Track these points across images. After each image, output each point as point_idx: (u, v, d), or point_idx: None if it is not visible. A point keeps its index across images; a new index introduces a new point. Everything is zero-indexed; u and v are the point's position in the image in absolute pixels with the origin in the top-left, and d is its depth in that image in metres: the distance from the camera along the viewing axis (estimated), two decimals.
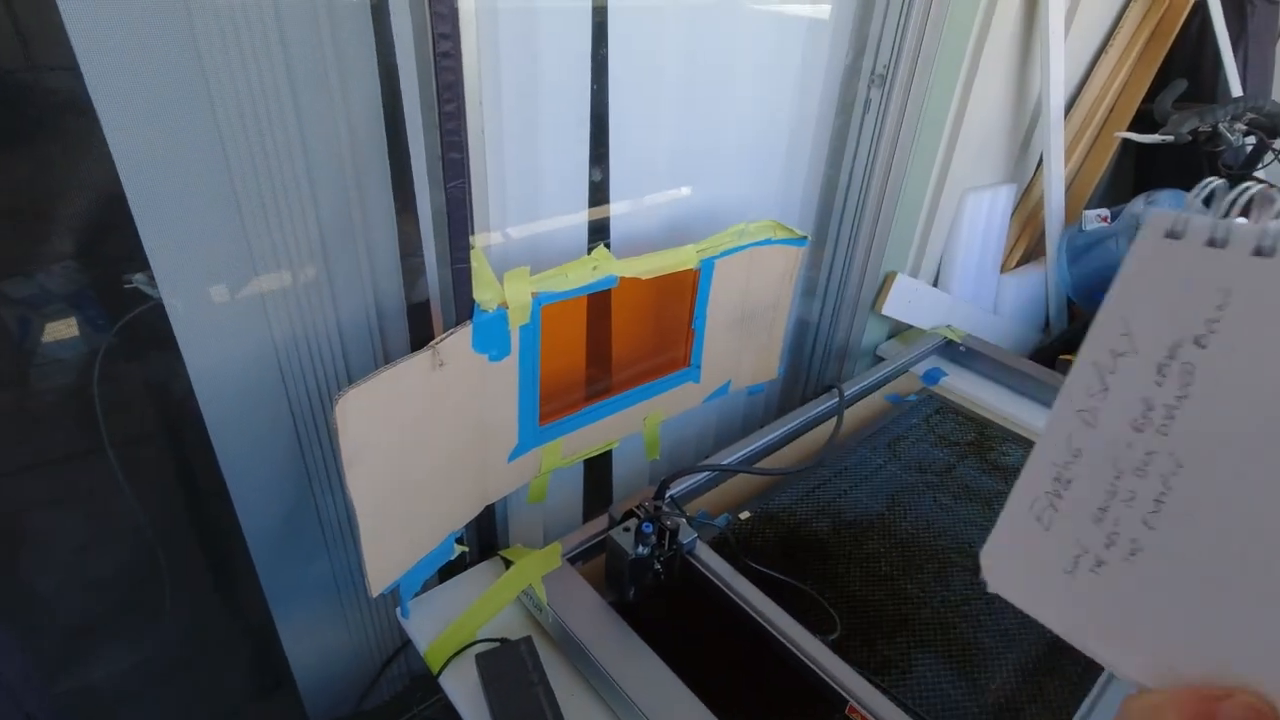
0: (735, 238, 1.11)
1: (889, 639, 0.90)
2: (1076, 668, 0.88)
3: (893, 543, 1.04)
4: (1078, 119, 1.86)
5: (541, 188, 0.96)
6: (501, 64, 0.83)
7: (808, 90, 1.27)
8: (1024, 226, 1.89)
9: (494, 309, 0.82)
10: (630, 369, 1.11)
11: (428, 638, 0.84)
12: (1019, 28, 1.51)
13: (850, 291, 1.46)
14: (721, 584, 0.85)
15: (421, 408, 0.77)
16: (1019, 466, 1.23)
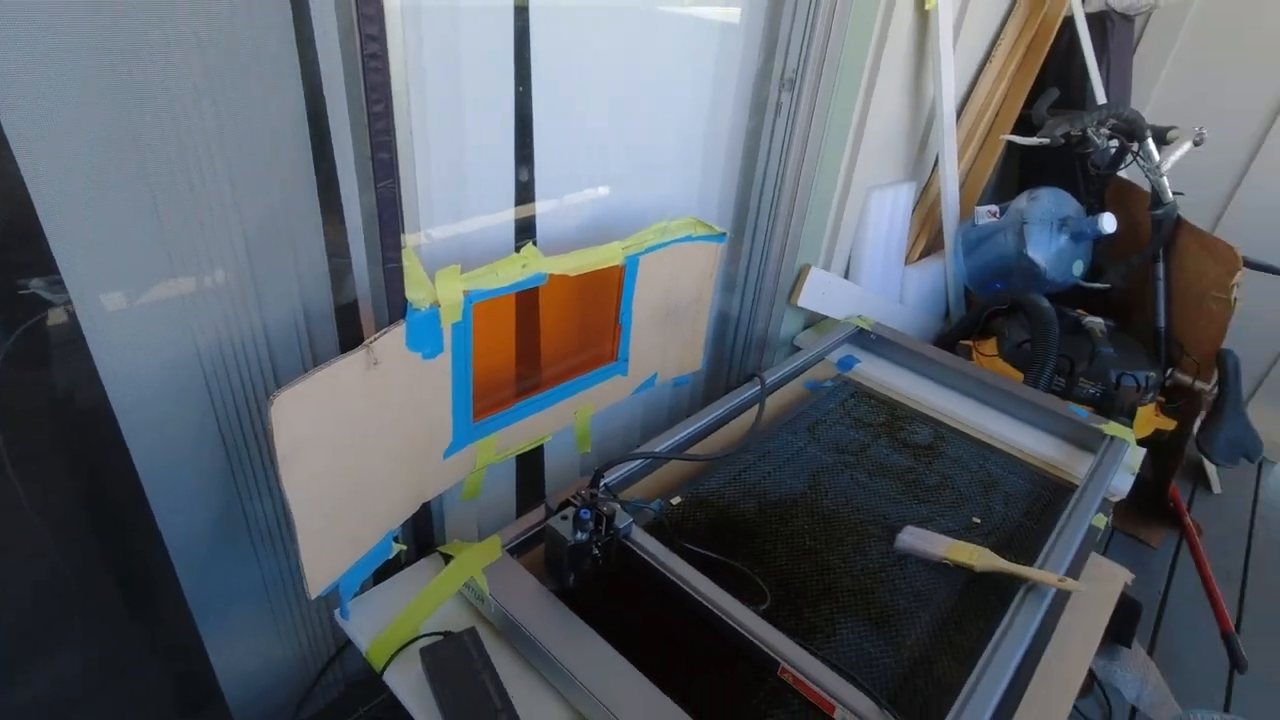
0: (658, 235, 1.15)
1: (814, 606, 0.96)
2: (981, 619, 0.96)
3: (815, 519, 1.11)
4: (967, 123, 2.01)
5: (468, 188, 0.98)
6: (426, 66, 0.84)
7: (722, 93, 1.33)
8: (924, 222, 2.02)
9: (426, 308, 0.83)
10: (560, 364, 1.14)
11: (369, 637, 0.84)
12: (913, 39, 1.62)
13: (768, 285, 1.54)
14: (658, 564, 0.89)
15: (357, 406, 0.78)
16: (927, 444, 1.32)
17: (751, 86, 1.38)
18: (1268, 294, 2.22)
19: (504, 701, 0.76)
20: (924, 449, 1.31)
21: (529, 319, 1.07)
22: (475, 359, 0.94)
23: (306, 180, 0.82)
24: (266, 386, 0.88)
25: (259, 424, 0.89)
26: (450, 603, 0.89)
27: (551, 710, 0.79)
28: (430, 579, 0.90)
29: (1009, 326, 1.79)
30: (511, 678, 0.80)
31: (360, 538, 0.85)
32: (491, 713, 0.75)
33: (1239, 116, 2.21)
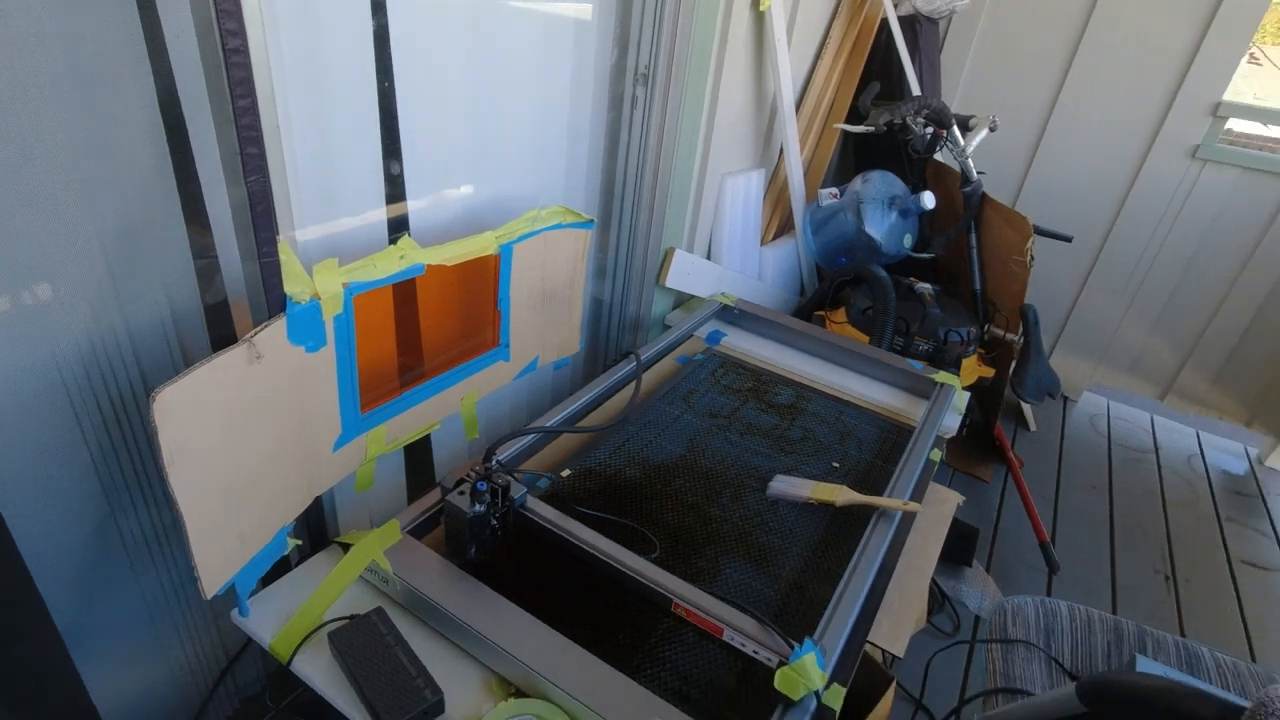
0: (529, 223, 1.20)
1: (700, 552, 1.06)
2: (844, 546, 1.10)
3: (695, 477, 1.21)
4: (806, 114, 2.20)
5: (338, 184, 0.99)
6: (288, 62, 0.85)
7: (581, 88, 1.40)
8: (775, 205, 2.19)
9: (306, 300, 0.84)
10: (444, 353, 1.16)
11: (271, 631, 0.84)
12: (751, 37, 1.77)
13: (636, 269, 1.63)
14: (555, 528, 0.95)
15: (242, 401, 0.78)
16: (789, 404, 1.45)
17: (608, 81, 1.46)
18: (1060, 256, 2.60)
19: (420, 670, 0.79)
20: (787, 408, 1.45)
21: (408, 310, 1.09)
22: (359, 351, 0.96)
23: (164, 179, 0.80)
24: (135, 392, 0.86)
25: (129, 431, 0.86)
26: (353, 589, 0.90)
27: (468, 673, 0.83)
28: (330, 570, 0.91)
29: (854, 295, 1.99)
30: (424, 649, 0.83)
31: (253, 534, 0.85)
32: (408, 682, 0.78)
33: (1026, 106, 2.56)
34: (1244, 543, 2.18)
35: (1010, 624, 1.05)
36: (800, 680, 0.80)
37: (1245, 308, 2.47)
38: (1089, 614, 1.06)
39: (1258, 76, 17.38)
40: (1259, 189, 2.34)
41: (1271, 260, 2.38)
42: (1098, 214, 2.57)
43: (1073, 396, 2.86)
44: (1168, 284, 2.56)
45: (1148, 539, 2.12)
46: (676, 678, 0.87)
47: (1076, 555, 2.01)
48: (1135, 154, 2.46)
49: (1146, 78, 2.36)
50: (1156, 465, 2.51)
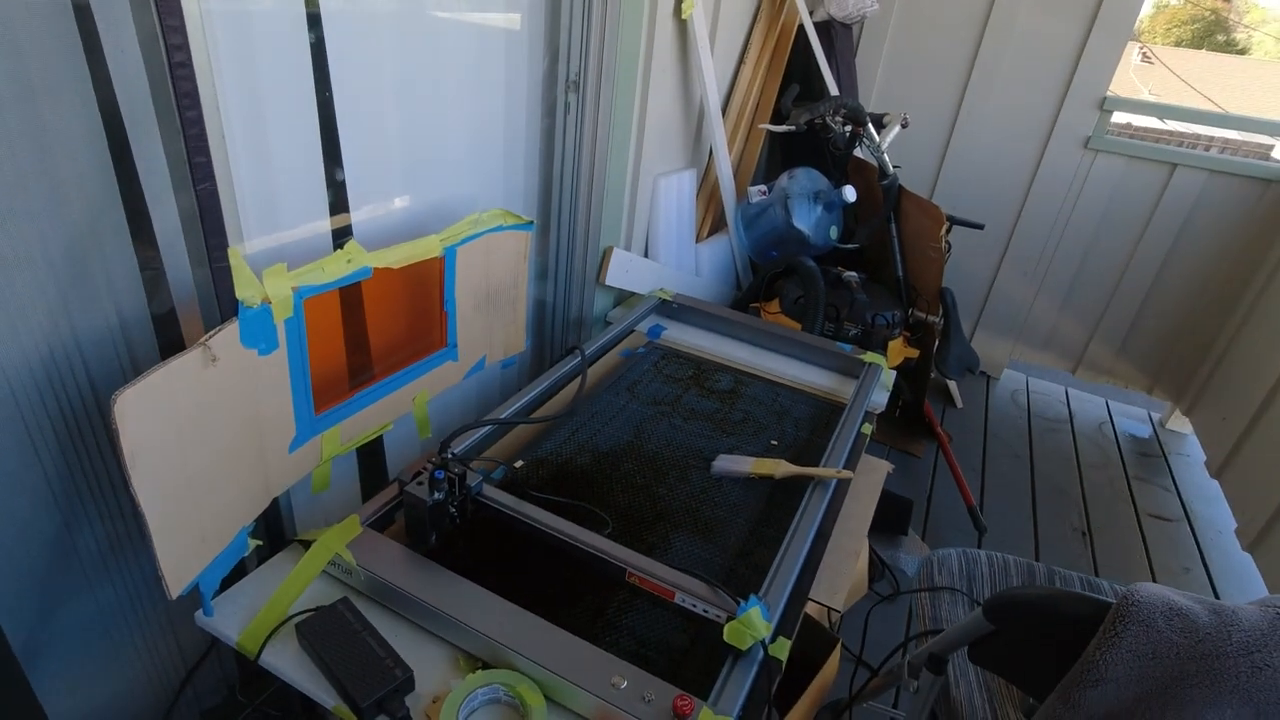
0: (471, 226, 1.25)
1: (650, 529, 1.12)
2: (784, 514, 1.18)
3: (642, 461, 1.27)
4: (733, 115, 2.30)
5: (283, 192, 1.01)
6: (230, 74, 0.88)
7: (515, 96, 1.45)
8: (708, 204, 2.28)
9: (258, 304, 0.87)
10: (394, 354, 1.20)
11: (237, 629, 0.86)
12: (676, 44, 1.85)
13: (577, 268, 1.69)
14: (511, 512, 1.00)
15: (198, 403, 0.80)
16: (729, 389, 1.53)
17: (541, 89, 1.52)
18: (975, 243, 2.77)
19: (389, 651, 0.83)
20: (727, 394, 1.53)
21: (356, 313, 1.12)
22: (310, 353, 0.98)
23: (108, 191, 0.82)
24: (86, 403, 0.87)
25: (83, 443, 0.87)
26: (316, 584, 0.93)
27: (435, 651, 0.87)
28: (292, 567, 0.94)
29: (786, 286, 2.09)
30: (391, 633, 0.86)
31: (215, 535, 0.87)
32: (378, 663, 0.81)
33: (936, 103, 2.73)
34: (1150, 498, 2.37)
35: (936, 574, 1.14)
36: (747, 632, 0.87)
37: (1140, 284, 2.69)
38: (1005, 559, 1.17)
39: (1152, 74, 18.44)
40: (1144, 175, 2.56)
41: (1159, 240, 2.60)
42: (1006, 202, 2.75)
43: (994, 374, 3.04)
44: (1072, 265, 2.76)
45: (1065, 499, 2.29)
46: (634, 641, 0.92)
47: (1002, 518, 2.16)
48: (1035, 146, 2.65)
49: (1041, 75, 2.56)
50: (1072, 433, 2.71)
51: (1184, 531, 2.23)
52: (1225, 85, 15.62)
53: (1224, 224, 2.50)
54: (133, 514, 0.95)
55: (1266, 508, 1.93)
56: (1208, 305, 2.60)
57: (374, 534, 0.96)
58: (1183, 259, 2.60)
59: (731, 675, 0.85)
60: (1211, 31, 22.31)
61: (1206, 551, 2.15)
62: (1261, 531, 1.94)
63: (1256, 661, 0.54)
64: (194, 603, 0.88)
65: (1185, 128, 7.02)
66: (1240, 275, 2.50)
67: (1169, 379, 2.78)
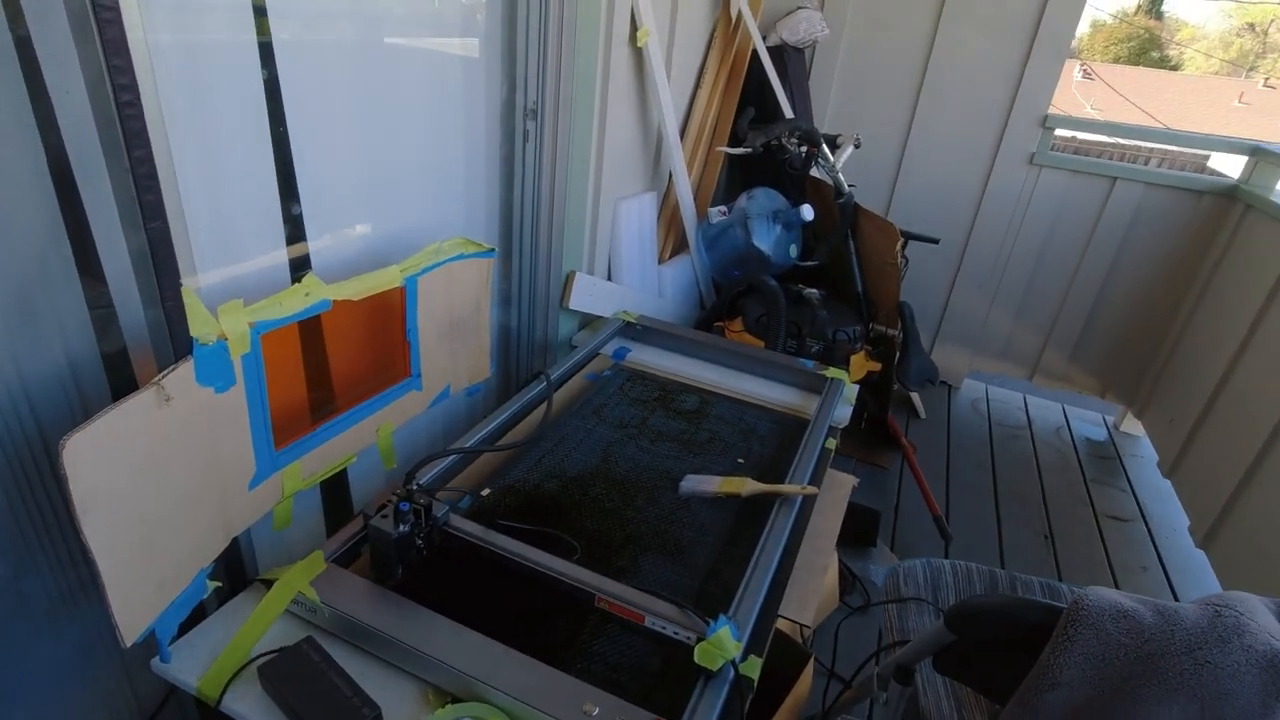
0: (432, 256, 1.25)
1: (619, 553, 1.12)
2: (752, 532, 1.18)
3: (611, 484, 1.28)
4: (691, 139, 2.34)
5: (237, 228, 1.01)
6: (180, 111, 0.87)
7: (473, 125, 1.47)
8: (669, 226, 2.31)
9: (213, 342, 0.86)
10: (357, 386, 1.19)
11: (196, 674, 0.84)
12: (632, 71, 1.88)
13: (540, 294, 1.69)
14: (478, 541, 1.00)
15: (153, 444, 0.79)
16: (695, 409, 1.54)
17: (500, 118, 1.53)
18: (932, 257, 2.85)
19: (355, 690, 0.81)
20: (693, 413, 1.54)
21: (316, 346, 1.11)
22: (270, 389, 0.97)
23: (54, 231, 0.81)
24: (33, 448, 0.84)
25: (30, 490, 0.85)
26: (279, 624, 0.91)
27: (404, 687, 0.85)
28: (254, 607, 0.92)
29: (749, 305, 2.12)
30: (358, 671, 0.85)
31: (172, 579, 0.85)
32: (344, 702, 0.80)
33: (889, 123, 2.82)
34: (1107, 500, 2.44)
35: (902, 585, 1.16)
36: (717, 652, 0.87)
37: (1088, 293, 2.79)
38: (969, 568, 1.20)
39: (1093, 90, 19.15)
40: (1086, 189, 2.66)
41: (1103, 250, 2.70)
42: (959, 218, 2.84)
43: (955, 384, 3.11)
44: (1023, 276, 2.85)
45: (1027, 504, 2.35)
46: (606, 668, 0.92)
47: (968, 525, 2.20)
48: (984, 163, 2.74)
49: (986, 95, 2.65)
50: (1031, 439, 2.78)
51: (1140, 531, 2.30)
52: (1161, 99, 16.36)
53: (1162, 234, 2.61)
54: (85, 560, 0.92)
55: (1215, 506, 2.00)
56: (1151, 311, 2.70)
57: (338, 570, 0.95)
58: (1126, 268, 2.70)
59: (703, 697, 0.85)
60: (1146, 49, 23.38)
61: (1162, 550, 2.22)
62: (1212, 529, 2.01)
63: (1199, 659, 0.56)
64: (150, 649, 0.85)
65: (1127, 140, 7.32)
66: (1180, 282, 2.61)
67: (1120, 383, 2.87)
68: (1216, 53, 23.63)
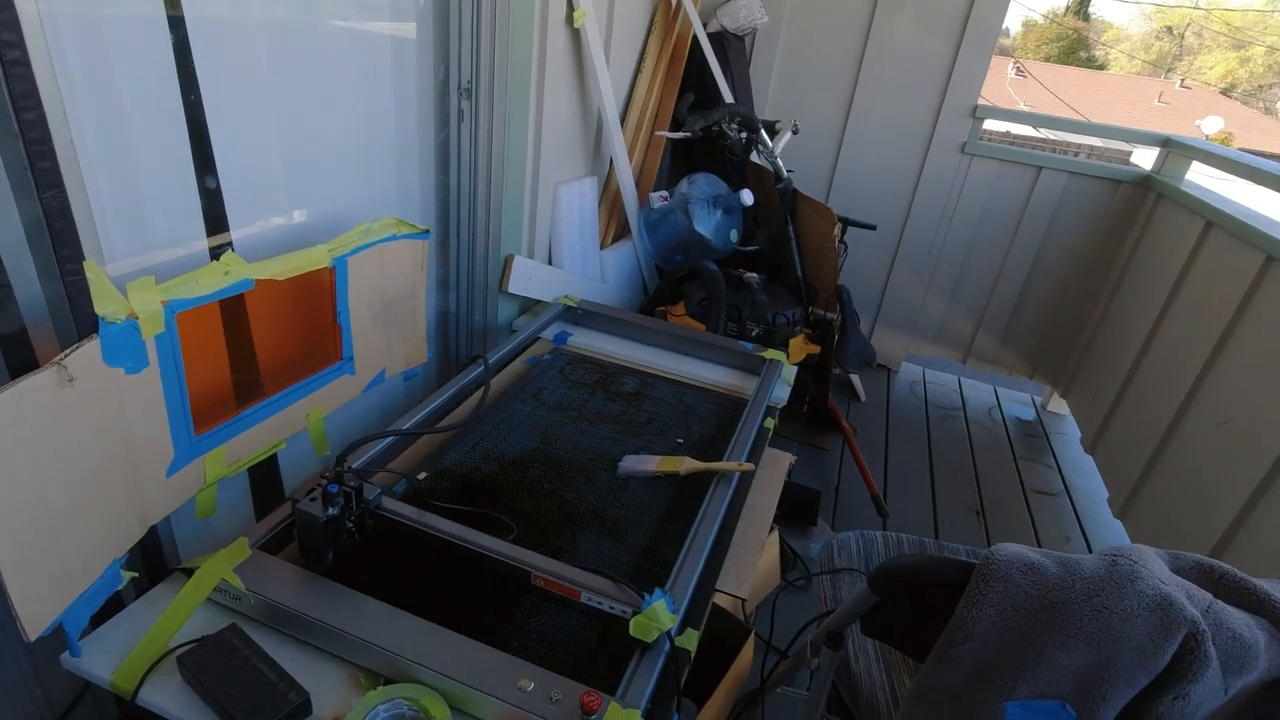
0: (362, 236, 1.22)
1: (557, 532, 1.12)
2: (690, 509, 1.20)
3: (549, 466, 1.27)
4: (632, 123, 2.34)
5: (149, 204, 0.96)
6: (78, 75, 0.83)
7: (405, 103, 1.43)
8: (611, 211, 2.31)
9: (122, 320, 0.82)
10: (285, 370, 1.15)
11: (110, 667, 0.80)
12: (570, 52, 1.87)
13: (478, 277, 1.67)
14: (413, 523, 0.98)
15: (55, 427, 0.75)
16: (635, 391, 1.55)
17: (434, 97, 1.50)
18: (870, 243, 2.91)
19: (282, 676, 0.79)
20: (633, 395, 1.55)
21: (240, 327, 1.07)
22: (188, 371, 0.93)
23: None
24: None
25: None
26: (201, 613, 0.88)
27: (334, 672, 0.83)
28: (173, 597, 0.88)
29: (690, 289, 2.14)
30: (286, 658, 0.83)
31: (80, 569, 0.81)
32: (270, 689, 0.78)
33: (827, 111, 2.87)
34: (1035, 475, 2.55)
35: (837, 556, 1.19)
36: (652, 624, 0.88)
37: (1017, 278, 2.90)
38: (899, 538, 1.23)
39: (1026, 87, 19.79)
40: (1014, 178, 2.76)
41: (1030, 237, 2.81)
42: (895, 205, 2.91)
43: (894, 367, 3.20)
44: (956, 262, 2.95)
45: (961, 481, 2.44)
46: (542, 645, 0.92)
47: (905, 503, 2.27)
48: (918, 151, 2.82)
49: (920, 85, 2.72)
50: (965, 419, 2.88)
51: (1065, 504, 2.41)
52: (1089, 97, 17.09)
53: (1084, 221, 2.73)
54: None
55: (1130, 478, 2.11)
56: (1075, 295, 2.83)
57: (264, 556, 0.92)
58: (1051, 254, 2.82)
59: (639, 669, 0.86)
60: (1075, 49, 24.37)
61: (1084, 521, 2.33)
62: (1127, 499, 2.12)
63: (1096, 605, 0.60)
64: (60, 644, 0.81)
65: (1055, 135, 7.63)
66: (1100, 267, 2.74)
67: (1046, 364, 3.00)
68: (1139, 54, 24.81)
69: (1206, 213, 2.09)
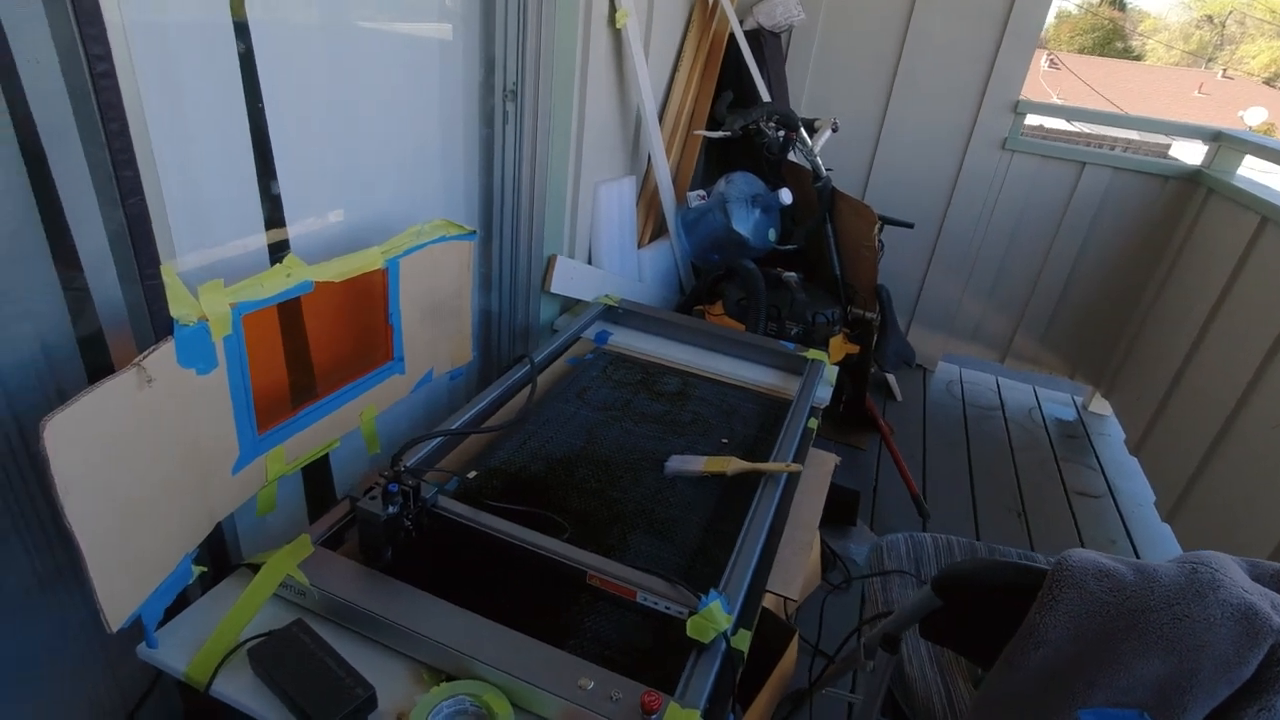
0: (413, 238, 1.23)
1: (607, 531, 1.12)
2: (738, 510, 1.20)
3: (596, 466, 1.28)
4: (669, 122, 2.34)
5: (215, 207, 0.99)
6: (155, 85, 0.85)
7: (451, 105, 1.45)
8: (648, 210, 2.31)
9: (194, 323, 0.84)
10: (339, 370, 1.17)
11: (185, 659, 0.83)
12: (611, 53, 1.87)
13: (521, 278, 1.68)
14: (468, 522, 0.99)
15: (134, 426, 0.77)
16: (677, 391, 1.55)
17: (478, 99, 1.51)
18: (906, 242, 2.88)
19: (348, 671, 0.81)
20: (676, 395, 1.55)
21: (296, 328, 1.10)
22: (251, 371, 0.96)
23: (25, 210, 0.78)
24: (7, 432, 0.82)
25: (4, 476, 0.83)
26: (267, 608, 0.90)
27: (397, 668, 0.85)
28: (240, 592, 0.90)
29: (728, 289, 2.14)
30: (350, 652, 0.84)
31: (156, 563, 0.83)
32: (337, 683, 0.79)
33: (864, 108, 2.84)
34: (1077, 477, 2.50)
35: (886, 558, 1.19)
36: (709, 625, 0.88)
37: (1058, 276, 2.85)
38: (949, 540, 1.22)
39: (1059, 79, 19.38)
40: (1056, 174, 2.71)
41: (1072, 234, 2.76)
42: (932, 202, 2.88)
43: (930, 367, 3.16)
44: (995, 261, 2.90)
45: (1000, 482, 2.40)
46: (597, 643, 0.93)
47: (944, 503, 2.24)
48: (958, 147, 2.77)
49: (958, 80, 2.68)
50: (1003, 419, 2.84)
51: (1108, 506, 2.37)
52: (1124, 89, 16.68)
53: (1129, 218, 2.67)
54: (64, 547, 0.90)
55: (1180, 480, 2.06)
56: (1118, 293, 2.77)
57: (327, 552, 0.94)
58: (1094, 251, 2.76)
59: (696, 669, 0.87)
60: (1110, 39, 23.80)
61: (1130, 524, 2.28)
62: (1177, 503, 2.07)
63: (1177, 613, 0.59)
64: (134, 637, 0.84)
65: (1090, 129, 7.46)
66: (1145, 265, 2.68)
67: (1088, 364, 2.94)
68: (1177, 44, 24.15)
69: (1261, 208, 2.03)
